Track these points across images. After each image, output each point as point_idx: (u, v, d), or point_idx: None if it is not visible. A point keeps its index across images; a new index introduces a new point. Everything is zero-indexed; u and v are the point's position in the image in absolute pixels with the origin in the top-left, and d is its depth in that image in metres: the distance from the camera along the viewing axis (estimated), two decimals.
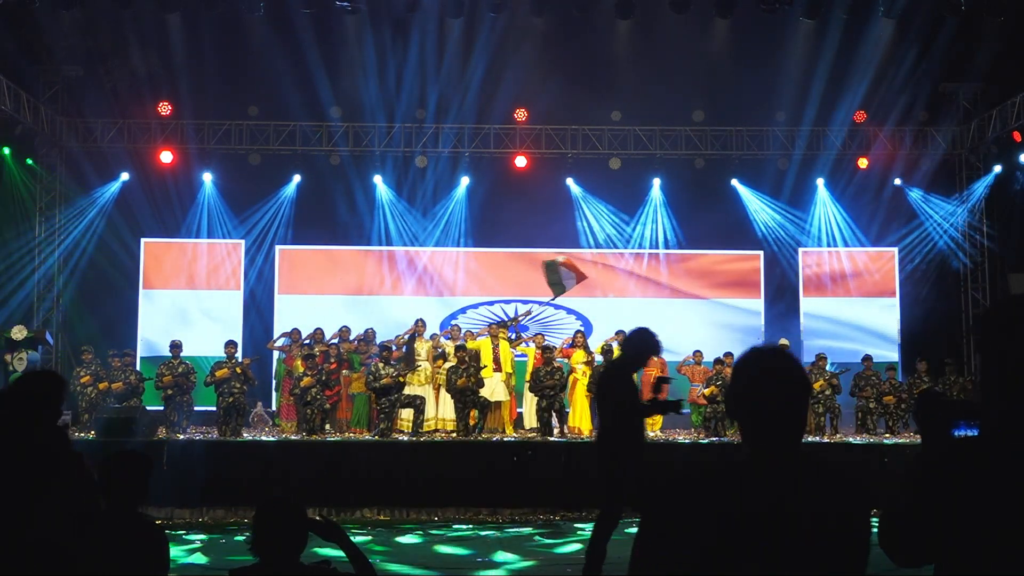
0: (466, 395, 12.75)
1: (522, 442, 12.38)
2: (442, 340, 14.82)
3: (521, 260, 17.75)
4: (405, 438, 12.59)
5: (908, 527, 2.05)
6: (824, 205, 17.91)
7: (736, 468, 2.11)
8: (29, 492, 3.56)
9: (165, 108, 17.14)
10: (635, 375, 14.03)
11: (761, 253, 17.89)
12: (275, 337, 16.09)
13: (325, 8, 15.17)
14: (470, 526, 10.77)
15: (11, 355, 14.19)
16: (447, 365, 13.72)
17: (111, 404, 13.33)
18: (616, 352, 13.79)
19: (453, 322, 16.25)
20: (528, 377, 13.87)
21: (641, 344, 6.85)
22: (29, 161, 16.84)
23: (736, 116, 17.16)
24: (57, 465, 3.75)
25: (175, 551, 8.81)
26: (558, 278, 14.62)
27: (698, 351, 15.25)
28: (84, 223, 17.13)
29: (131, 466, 3.71)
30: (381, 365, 12.81)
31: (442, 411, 14.02)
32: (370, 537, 9.90)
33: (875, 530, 2.16)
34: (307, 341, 14.92)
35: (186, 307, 17.20)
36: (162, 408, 13.53)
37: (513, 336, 15.14)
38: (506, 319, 16.16)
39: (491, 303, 17.51)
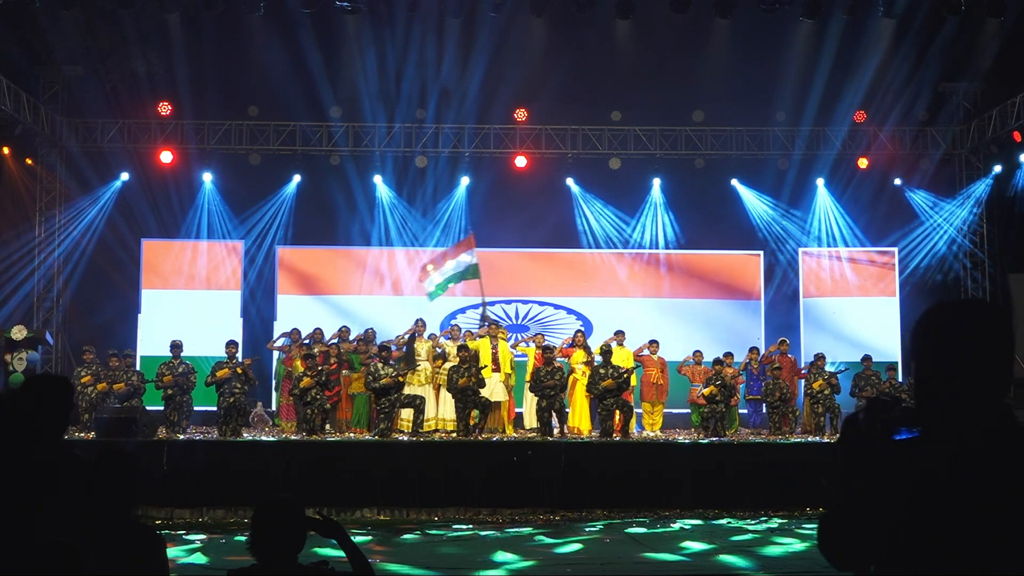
0: (467, 395, 12.75)
1: (522, 442, 12.38)
2: (442, 340, 14.81)
3: (521, 260, 17.76)
4: (405, 438, 12.58)
5: (847, 530, 2.06)
6: (824, 205, 17.91)
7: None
8: (36, 494, 3.56)
9: (165, 108, 17.14)
10: (634, 376, 14.12)
11: (761, 253, 17.88)
12: (275, 337, 16.09)
13: (325, 8, 15.18)
14: (470, 526, 10.76)
15: (11, 355, 14.20)
16: (447, 365, 13.72)
17: (112, 404, 13.33)
18: (616, 352, 13.81)
19: (453, 322, 16.24)
20: (528, 377, 13.87)
21: None
22: (29, 161, 16.85)
23: (736, 116, 17.15)
24: (62, 468, 3.73)
25: (175, 551, 8.80)
26: (468, 267, 15.19)
27: (698, 351, 15.24)
28: (84, 223, 17.13)
29: (118, 467, 3.62)
30: (381, 365, 12.81)
31: (442, 411, 14.01)
32: (370, 537, 9.90)
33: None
34: (307, 341, 14.91)
35: (186, 307, 17.19)
36: (162, 408, 13.53)
37: (484, 326, 15.17)
38: (483, 320, 16.19)
39: (491, 303, 17.48)
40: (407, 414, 13.11)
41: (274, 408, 15.74)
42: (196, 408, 14.09)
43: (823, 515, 2.15)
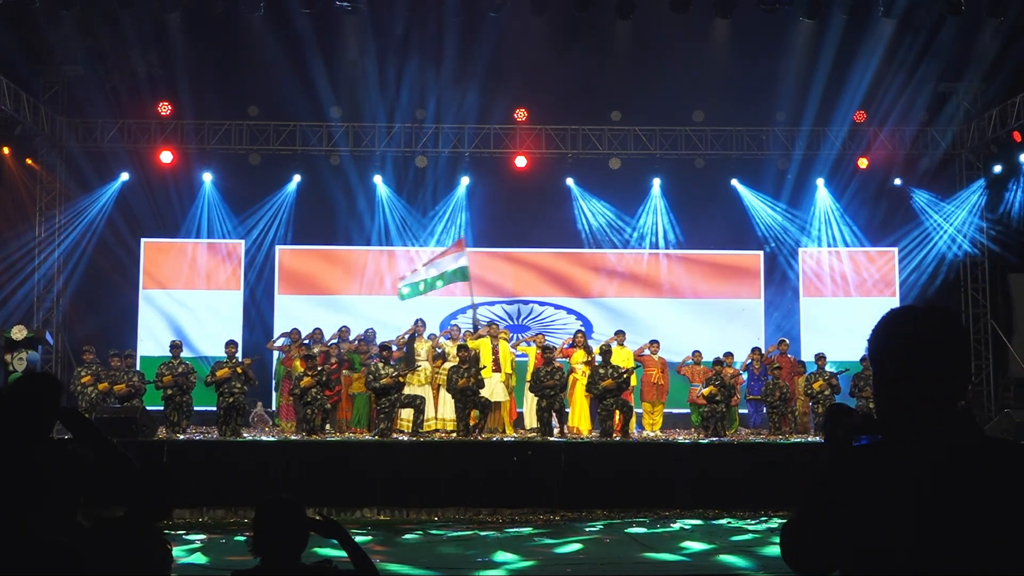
0: (467, 395, 12.74)
1: (522, 442, 12.38)
2: (442, 340, 14.81)
3: (521, 260, 17.75)
4: (405, 438, 12.58)
5: (810, 536, 2.08)
6: (824, 205, 17.92)
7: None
8: (32, 493, 3.56)
9: (165, 108, 17.14)
10: (635, 376, 14.11)
11: (761, 253, 17.90)
12: (275, 337, 16.09)
13: (325, 8, 15.18)
14: (470, 526, 10.76)
15: (11, 355, 14.19)
16: (447, 365, 13.71)
17: (112, 404, 13.33)
18: (616, 352, 13.80)
19: (453, 322, 16.25)
20: (528, 377, 13.87)
21: None
22: (29, 161, 16.85)
23: (736, 116, 17.16)
24: (59, 467, 3.73)
25: (175, 551, 8.79)
26: (456, 269, 15.10)
27: (697, 351, 15.24)
28: (84, 223, 17.13)
29: (155, 477, 3.70)
30: (381, 365, 12.81)
31: (442, 411, 14.01)
32: (370, 537, 9.90)
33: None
34: (307, 341, 14.91)
35: (186, 307, 17.20)
36: (162, 408, 13.52)
37: (472, 329, 15.15)
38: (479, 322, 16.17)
39: (491, 303, 17.50)
40: (407, 414, 13.11)
41: (274, 408, 15.74)
42: (196, 408, 14.06)
43: (786, 521, 2.17)
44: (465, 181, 17.68)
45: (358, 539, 3.35)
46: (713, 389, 13.56)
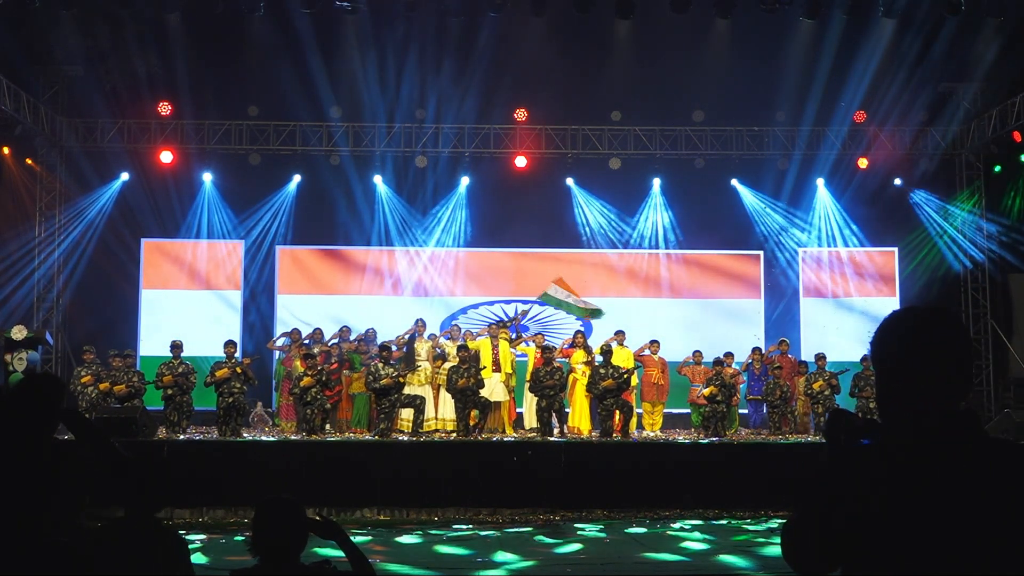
0: (467, 395, 12.75)
1: (522, 442, 12.38)
2: (442, 340, 14.82)
3: (521, 260, 17.76)
4: (405, 438, 12.59)
5: (810, 536, 2.09)
6: (824, 205, 17.92)
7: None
8: (36, 494, 3.56)
9: (165, 108, 17.13)
10: (635, 376, 14.11)
11: (761, 253, 17.90)
12: (275, 337, 16.10)
13: (325, 8, 15.17)
14: (470, 526, 10.76)
15: (11, 355, 14.19)
16: (447, 365, 13.72)
17: (112, 404, 13.33)
18: (616, 352, 13.80)
19: (453, 322, 16.25)
20: (528, 377, 13.87)
21: None
22: (29, 161, 16.85)
23: (736, 116, 17.16)
24: (61, 467, 3.73)
25: None
26: (559, 302, 15.36)
27: (698, 351, 15.25)
28: (84, 223, 17.13)
29: (152, 469, 3.69)
30: (381, 365, 12.81)
31: (442, 411, 14.02)
32: (370, 537, 9.90)
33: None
34: (307, 341, 14.92)
35: (186, 307, 17.19)
36: (162, 408, 13.51)
37: (514, 336, 15.18)
38: (506, 319, 16.18)
39: (491, 303, 17.50)
40: (407, 414, 13.12)
41: (274, 408, 15.74)
42: (196, 408, 14.05)
43: (786, 522, 2.17)
44: (465, 181, 17.68)
45: (358, 539, 3.35)
46: (714, 389, 13.56)
